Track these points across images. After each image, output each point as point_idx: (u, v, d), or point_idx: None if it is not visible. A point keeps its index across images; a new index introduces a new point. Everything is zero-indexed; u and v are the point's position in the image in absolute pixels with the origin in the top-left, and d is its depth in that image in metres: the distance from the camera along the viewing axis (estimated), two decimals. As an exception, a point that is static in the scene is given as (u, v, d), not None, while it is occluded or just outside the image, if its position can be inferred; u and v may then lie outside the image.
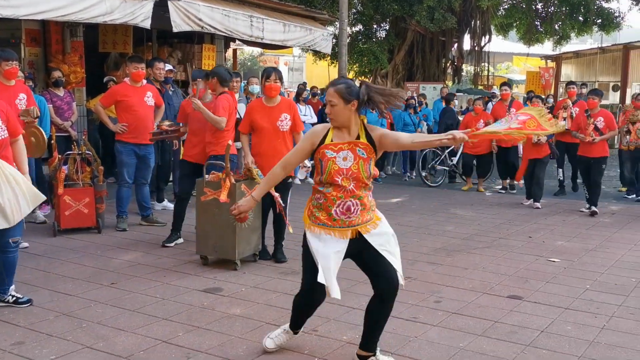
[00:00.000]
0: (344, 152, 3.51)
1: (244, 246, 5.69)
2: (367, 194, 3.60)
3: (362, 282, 5.30)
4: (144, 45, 11.51)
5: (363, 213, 3.57)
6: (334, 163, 3.50)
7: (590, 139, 8.47)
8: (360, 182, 3.52)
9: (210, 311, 4.58)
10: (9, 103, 5.97)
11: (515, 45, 29.28)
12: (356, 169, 3.50)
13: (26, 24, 9.19)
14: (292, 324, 3.93)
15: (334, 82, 3.61)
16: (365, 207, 3.57)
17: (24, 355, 3.77)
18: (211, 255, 5.80)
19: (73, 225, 6.79)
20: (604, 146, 8.62)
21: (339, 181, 3.49)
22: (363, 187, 3.55)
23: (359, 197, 3.54)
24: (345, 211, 3.53)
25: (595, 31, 22.84)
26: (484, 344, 4.04)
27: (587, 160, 8.62)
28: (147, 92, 7.05)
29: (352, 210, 3.53)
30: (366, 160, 3.51)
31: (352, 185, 3.51)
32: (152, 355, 3.80)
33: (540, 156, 9.07)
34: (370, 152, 3.53)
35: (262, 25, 10.47)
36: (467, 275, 5.59)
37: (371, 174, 3.56)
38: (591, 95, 8.96)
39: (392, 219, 8.01)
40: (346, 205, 3.53)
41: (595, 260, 6.19)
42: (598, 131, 8.52)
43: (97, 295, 4.87)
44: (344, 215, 3.53)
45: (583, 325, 4.40)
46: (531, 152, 9.13)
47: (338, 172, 3.49)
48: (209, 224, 5.71)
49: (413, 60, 19.90)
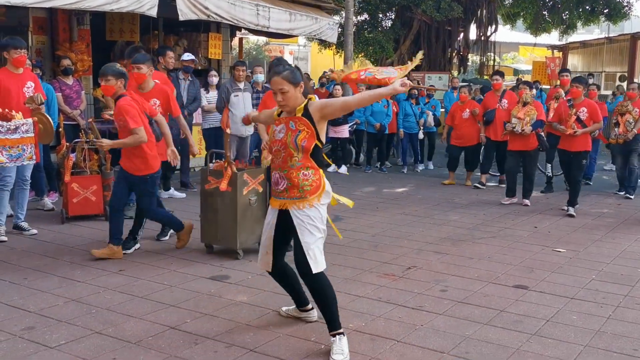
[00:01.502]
0: (281, 126, 3.79)
1: (246, 235, 5.67)
2: (295, 170, 3.70)
3: (368, 270, 5.35)
4: (151, 33, 11.52)
5: (291, 189, 3.71)
6: (273, 135, 3.84)
7: (571, 132, 7.77)
8: (287, 154, 3.70)
9: (217, 298, 4.62)
10: (17, 91, 6.03)
11: (522, 35, 29.15)
12: (284, 139, 3.72)
13: (33, 12, 9.20)
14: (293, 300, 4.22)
15: (277, 70, 3.75)
16: (293, 183, 3.70)
17: (34, 340, 3.82)
18: (214, 244, 5.83)
19: (81, 213, 6.84)
20: (587, 140, 7.93)
21: (273, 152, 3.80)
22: (290, 161, 3.70)
23: (284, 171, 3.72)
24: (275, 182, 3.80)
25: (602, 21, 22.70)
26: (490, 333, 4.07)
27: (567, 154, 8.00)
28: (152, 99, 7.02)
29: (280, 183, 3.75)
30: (294, 131, 3.70)
31: (282, 157, 3.73)
32: (160, 341, 3.84)
33: (528, 148, 8.39)
34: (301, 124, 3.71)
35: (268, 14, 10.46)
36: (473, 265, 5.61)
37: (299, 147, 3.68)
38: (575, 83, 8.06)
39: (397, 208, 8.13)
40: (275, 177, 3.79)
41: (601, 250, 6.20)
42: (581, 123, 7.82)
43: (105, 282, 4.92)
44: (275, 186, 3.80)
45: (589, 315, 4.42)
46: (516, 143, 8.43)
47: (274, 143, 3.80)
48: (212, 213, 5.72)
49: (419, 49, 19.77)
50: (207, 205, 5.78)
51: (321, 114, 3.72)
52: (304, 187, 3.70)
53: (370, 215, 7.52)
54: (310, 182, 3.71)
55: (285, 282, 4.11)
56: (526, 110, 8.35)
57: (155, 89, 6.24)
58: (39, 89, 6.27)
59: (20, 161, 5.98)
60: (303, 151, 3.68)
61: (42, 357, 3.59)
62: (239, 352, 3.70)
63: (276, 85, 3.69)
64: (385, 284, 5.02)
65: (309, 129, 3.70)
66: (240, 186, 5.54)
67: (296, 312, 4.22)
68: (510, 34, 28.93)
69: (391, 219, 7.45)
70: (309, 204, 3.70)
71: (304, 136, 3.68)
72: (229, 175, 5.45)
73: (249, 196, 5.63)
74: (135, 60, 6.06)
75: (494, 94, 9.94)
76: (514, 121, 8.36)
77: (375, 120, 11.16)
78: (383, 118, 11.15)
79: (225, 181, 5.42)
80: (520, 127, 8.27)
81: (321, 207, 3.75)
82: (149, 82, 6.16)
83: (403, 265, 5.55)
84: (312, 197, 3.71)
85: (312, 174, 3.72)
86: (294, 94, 3.71)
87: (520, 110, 8.37)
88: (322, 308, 3.76)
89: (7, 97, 5.94)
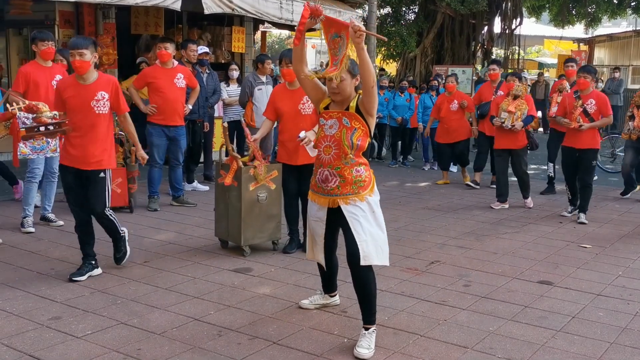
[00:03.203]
0: (332, 121, 3.66)
1: (252, 232, 5.50)
2: (349, 167, 3.63)
3: (391, 264, 5.29)
4: (175, 27, 11.59)
5: (344, 186, 3.64)
6: (322, 130, 3.70)
7: (576, 125, 6.87)
8: (341, 151, 3.61)
9: (240, 290, 4.65)
10: (46, 84, 6.10)
11: (547, 29, 28.77)
12: (339, 136, 3.61)
13: (60, 6, 9.32)
14: (322, 286, 4.29)
15: None
16: (346, 180, 3.64)
17: (61, 329, 3.87)
18: (225, 239, 5.75)
19: (106, 205, 6.90)
20: (594, 136, 6.99)
21: (321, 148, 3.68)
22: (344, 158, 3.62)
23: (337, 168, 3.63)
24: (324, 179, 3.69)
25: (629, 14, 22.31)
26: (514, 329, 4.03)
27: (572, 152, 7.06)
28: (177, 73, 7.08)
29: (331, 180, 3.66)
30: (349, 129, 3.60)
31: (333, 153, 3.63)
32: (184, 332, 3.88)
33: (516, 147, 7.64)
34: (355, 121, 3.61)
35: (292, 7, 10.46)
36: (497, 260, 5.56)
37: (354, 145, 3.60)
38: (582, 73, 7.04)
39: (420, 202, 8.08)
40: (324, 174, 3.68)
41: (628, 246, 6.11)
42: (588, 117, 6.90)
43: (130, 273, 4.97)
44: (323, 184, 3.70)
45: (615, 312, 4.36)
46: (504, 141, 7.69)
47: (323, 139, 3.68)
48: (224, 208, 5.62)
49: (442, 43, 19.65)
50: (219, 200, 5.70)
51: (364, 108, 3.62)
52: (358, 184, 3.65)
53: (392, 209, 7.49)
54: (363, 177, 3.66)
55: (327, 271, 4.13)
56: (517, 104, 7.58)
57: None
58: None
59: (43, 153, 6.04)
60: (358, 149, 3.63)
61: (69, 346, 3.65)
62: (262, 344, 3.72)
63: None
64: (409, 278, 5.01)
65: (363, 126, 3.62)
66: (245, 182, 5.38)
67: (324, 299, 4.28)
68: (535, 27, 28.55)
69: (414, 213, 7.42)
70: (360, 199, 3.66)
71: (360, 134, 3.61)
72: (234, 169, 5.33)
73: (257, 192, 5.47)
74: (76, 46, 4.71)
75: (489, 85, 9.08)
76: (503, 115, 7.60)
77: (397, 114, 11.10)
78: (405, 112, 11.07)
79: (230, 176, 5.31)
80: (510, 122, 7.53)
81: (372, 200, 3.69)
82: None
83: (426, 259, 5.53)
84: (364, 193, 3.67)
85: (364, 170, 3.67)
86: (349, 85, 3.61)
87: (511, 104, 7.60)
88: (361, 300, 3.74)
89: (36, 90, 6.02)
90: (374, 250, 3.64)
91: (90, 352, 3.57)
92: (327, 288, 4.28)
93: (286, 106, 5.49)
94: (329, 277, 4.21)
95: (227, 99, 9.18)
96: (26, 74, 6.03)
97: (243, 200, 5.40)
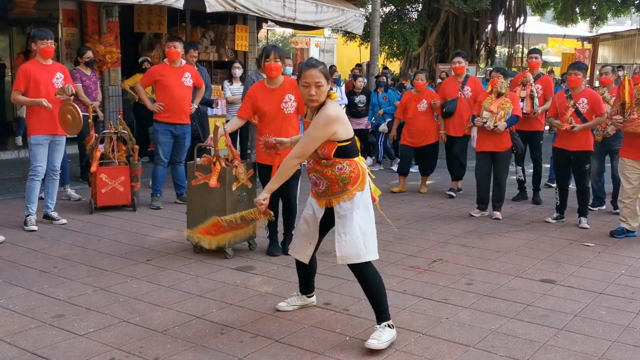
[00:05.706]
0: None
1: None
2: (329, 168, 3.66)
3: (393, 263, 5.33)
4: (178, 25, 11.61)
5: (332, 186, 3.69)
6: None
7: (568, 127, 6.50)
8: (315, 160, 3.71)
9: (242, 289, 4.65)
10: (46, 82, 6.10)
11: (551, 27, 28.71)
12: None
13: (63, 5, 9.36)
14: (300, 287, 4.27)
15: (313, 63, 3.67)
16: (331, 180, 3.68)
17: (64, 327, 3.89)
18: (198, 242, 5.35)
19: (109, 203, 6.93)
20: (588, 137, 6.62)
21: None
22: (319, 164, 3.69)
23: (319, 172, 3.70)
24: (314, 183, 3.78)
25: (632, 12, 22.26)
26: (516, 327, 4.03)
27: (565, 155, 6.71)
28: (185, 72, 7.09)
29: (319, 184, 3.74)
30: None
31: (312, 160, 3.72)
32: (187, 330, 3.89)
33: (500, 149, 7.00)
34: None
35: (295, 6, 10.46)
36: (499, 258, 5.56)
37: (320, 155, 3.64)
38: (572, 69, 6.65)
39: (422, 201, 8.06)
40: (313, 179, 3.78)
41: (631, 245, 6.09)
42: (580, 117, 6.53)
43: (133, 272, 4.98)
44: (315, 187, 3.79)
45: (617, 310, 4.35)
46: (486, 143, 7.04)
47: None
48: (200, 209, 5.33)
49: (446, 41, 19.64)
50: (194, 202, 5.45)
51: None
52: (344, 180, 3.66)
53: (395, 208, 7.49)
54: (348, 173, 3.67)
55: (306, 272, 4.16)
56: (500, 102, 6.93)
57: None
58: (68, 79, 6.34)
59: None
60: (326, 158, 3.65)
61: (71, 344, 3.66)
62: (265, 342, 3.73)
63: (313, 78, 3.57)
64: (411, 276, 5.01)
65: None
66: (229, 182, 5.26)
67: (301, 300, 4.26)
68: (539, 26, 28.49)
69: (417, 212, 7.42)
70: (350, 196, 3.67)
71: (322, 145, 3.62)
72: (218, 170, 5.19)
73: (238, 192, 5.34)
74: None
75: (454, 80, 8.30)
76: (485, 115, 6.94)
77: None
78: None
79: (215, 177, 5.18)
80: (492, 122, 6.89)
81: (361, 196, 3.70)
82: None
83: (428, 258, 5.52)
84: (353, 188, 3.68)
85: (347, 166, 3.67)
86: (325, 90, 3.64)
87: (494, 102, 6.95)
88: (369, 298, 3.75)
89: (36, 88, 6.03)
90: (353, 250, 3.64)
91: (92, 350, 3.58)
92: (304, 289, 4.26)
93: (267, 106, 5.28)
94: (308, 277, 4.21)
95: (231, 97, 9.18)
96: (26, 72, 6.04)
97: (227, 200, 5.27)
